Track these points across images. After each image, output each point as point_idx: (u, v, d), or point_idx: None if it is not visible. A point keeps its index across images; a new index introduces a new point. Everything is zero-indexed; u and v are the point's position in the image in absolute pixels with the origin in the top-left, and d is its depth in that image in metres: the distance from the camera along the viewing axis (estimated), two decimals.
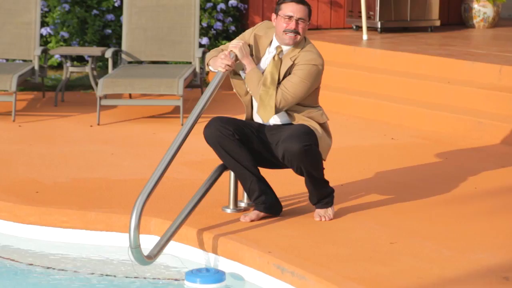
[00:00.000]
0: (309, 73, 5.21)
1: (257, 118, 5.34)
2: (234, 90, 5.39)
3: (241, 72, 5.25)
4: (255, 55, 5.28)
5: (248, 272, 4.84)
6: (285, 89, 5.15)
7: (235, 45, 5.20)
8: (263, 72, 5.20)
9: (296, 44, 5.24)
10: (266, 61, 5.27)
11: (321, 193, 5.31)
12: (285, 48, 5.25)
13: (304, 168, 5.11)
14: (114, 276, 5.04)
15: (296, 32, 5.18)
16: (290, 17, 5.18)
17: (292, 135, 5.07)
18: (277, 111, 5.15)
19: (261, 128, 5.29)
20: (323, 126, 5.29)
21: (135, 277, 4.99)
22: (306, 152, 5.04)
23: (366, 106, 8.45)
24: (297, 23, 5.19)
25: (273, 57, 5.23)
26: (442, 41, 10.06)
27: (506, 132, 7.34)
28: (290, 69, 5.22)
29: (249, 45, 5.30)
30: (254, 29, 5.39)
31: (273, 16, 5.28)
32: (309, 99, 5.29)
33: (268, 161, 5.31)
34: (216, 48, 5.37)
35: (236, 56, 5.18)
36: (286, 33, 5.19)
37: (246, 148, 5.21)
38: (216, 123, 5.18)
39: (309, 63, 5.23)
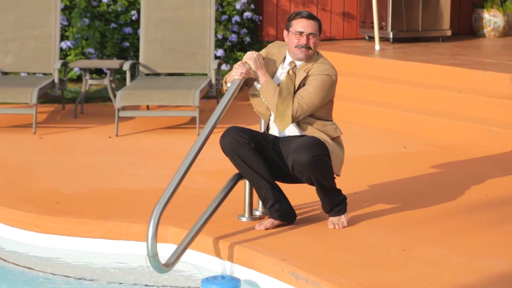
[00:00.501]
0: (323, 83, 5.24)
1: (272, 131, 5.35)
2: (255, 110, 5.39)
3: (255, 84, 5.27)
4: (270, 71, 5.30)
5: (263, 279, 4.85)
6: (301, 98, 5.17)
7: (249, 57, 5.22)
8: (278, 85, 5.22)
9: (308, 58, 5.27)
10: (280, 76, 5.28)
11: (333, 202, 5.31)
12: (298, 62, 5.28)
13: (314, 178, 5.12)
14: (133, 284, 5.05)
15: (307, 47, 5.22)
16: (301, 33, 5.22)
17: (301, 146, 5.07)
18: (293, 120, 5.16)
19: (276, 140, 5.30)
20: (336, 140, 5.29)
21: (153, 285, 5.00)
22: (315, 162, 5.03)
23: (379, 115, 8.45)
24: (308, 38, 5.22)
25: (288, 72, 5.25)
26: (453, 51, 10.05)
27: None
28: (305, 80, 5.24)
29: (263, 58, 5.32)
30: (267, 49, 5.44)
31: (285, 32, 5.32)
32: (323, 111, 5.30)
33: (284, 173, 5.31)
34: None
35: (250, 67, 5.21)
36: (298, 48, 5.22)
37: (261, 157, 5.22)
38: (232, 132, 5.20)
39: (323, 73, 5.26)
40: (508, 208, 5.79)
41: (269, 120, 5.35)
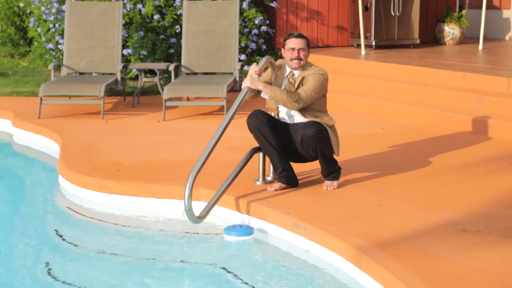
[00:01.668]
0: (318, 79, 5.28)
1: (283, 119, 5.35)
2: (266, 106, 5.45)
3: (263, 95, 5.30)
4: (278, 82, 5.36)
5: (271, 228, 4.86)
6: (305, 88, 5.24)
7: (247, 83, 5.25)
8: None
9: (303, 68, 5.34)
10: (284, 83, 5.38)
11: (331, 169, 5.31)
12: (295, 72, 5.35)
13: (318, 148, 5.14)
14: (174, 232, 5.09)
15: (299, 58, 5.30)
16: (293, 49, 5.30)
17: (307, 124, 5.14)
18: (299, 104, 5.16)
19: (287, 125, 5.32)
20: (332, 128, 5.31)
21: (189, 232, 5.04)
22: (318, 135, 5.09)
23: (363, 104, 8.41)
24: (298, 52, 5.30)
25: (288, 79, 5.35)
26: (421, 55, 9.98)
27: (468, 122, 7.28)
28: (303, 81, 5.30)
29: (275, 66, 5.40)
30: (278, 63, 5.48)
31: (282, 50, 5.41)
32: (319, 105, 5.33)
33: (292, 152, 5.30)
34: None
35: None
36: (292, 61, 5.31)
37: (276, 134, 5.22)
38: (256, 113, 5.25)
39: (317, 73, 5.32)
40: (460, 173, 5.76)
41: (278, 112, 5.36)
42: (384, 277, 3.88)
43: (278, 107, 5.34)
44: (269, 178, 5.51)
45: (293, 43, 5.30)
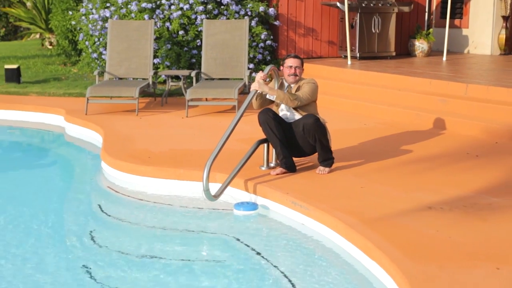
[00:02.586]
0: (311, 86, 5.35)
1: (286, 118, 5.36)
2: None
3: (269, 96, 5.28)
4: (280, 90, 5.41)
5: (273, 205, 4.83)
6: (301, 91, 5.28)
7: (255, 87, 5.23)
8: None
9: (297, 82, 5.40)
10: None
11: (326, 156, 5.27)
12: (292, 85, 5.42)
13: (317, 135, 5.12)
14: (194, 207, 5.06)
15: (295, 74, 5.38)
16: (290, 67, 5.36)
17: (307, 116, 5.17)
18: (298, 101, 5.19)
19: (290, 123, 5.31)
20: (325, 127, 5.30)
21: (206, 208, 5.01)
22: (316, 123, 5.10)
23: (349, 104, 8.35)
24: (295, 69, 5.36)
25: (288, 90, 5.39)
26: (396, 65, 9.90)
27: (434, 120, 7.23)
28: (299, 89, 5.37)
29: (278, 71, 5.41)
30: (278, 74, 5.51)
31: (282, 67, 5.44)
32: (311, 109, 5.38)
33: (293, 146, 5.28)
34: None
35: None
36: (289, 76, 5.37)
37: (281, 127, 5.20)
38: (267, 110, 5.24)
39: (309, 82, 5.40)
40: (428, 161, 5.72)
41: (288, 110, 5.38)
42: (366, 246, 3.85)
43: (280, 108, 5.34)
44: (272, 165, 5.47)
45: (290, 62, 5.39)
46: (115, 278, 3.89)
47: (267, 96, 5.30)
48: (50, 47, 14.50)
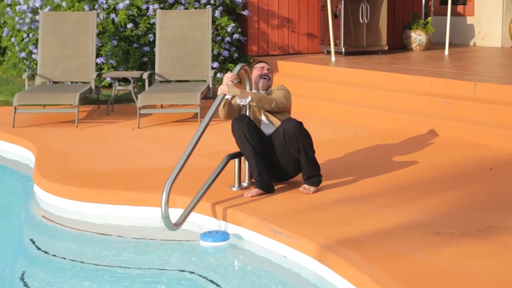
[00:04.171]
0: (283, 91, 5.46)
1: (263, 129, 5.38)
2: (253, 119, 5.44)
3: (240, 101, 5.29)
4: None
5: (248, 234, 4.79)
6: (275, 95, 5.36)
7: (221, 89, 5.23)
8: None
9: (267, 88, 5.52)
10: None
11: (312, 172, 5.24)
12: (262, 92, 5.51)
13: (300, 143, 5.10)
14: (150, 239, 5.00)
15: (267, 76, 5.50)
16: (262, 68, 5.53)
17: (288, 119, 5.17)
18: (274, 102, 5.27)
19: (269, 137, 5.31)
20: None
21: (165, 239, 4.95)
22: (299, 127, 5.10)
23: (335, 109, 8.38)
24: (267, 71, 5.53)
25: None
26: (389, 61, 9.99)
27: (436, 126, 7.30)
28: (269, 94, 5.49)
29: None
30: (250, 75, 5.57)
31: (251, 72, 5.56)
32: (286, 116, 5.41)
33: (273, 164, 5.28)
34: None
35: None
36: (261, 78, 5.49)
37: (258, 138, 5.19)
38: (243, 116, 5.24)
39: (280, 88, 5.51)
40: (431, 176, 5.74)
41: (261, 124, 5.40)
42: (363, 282, 3.82)
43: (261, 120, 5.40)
44: (244, 184, 5.43)
45: (261, 64, 5.56)
46: None
47: (238, 101, 5.27)
48: None
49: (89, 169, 6.12)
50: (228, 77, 5.23)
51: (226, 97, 5.27)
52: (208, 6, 9.66)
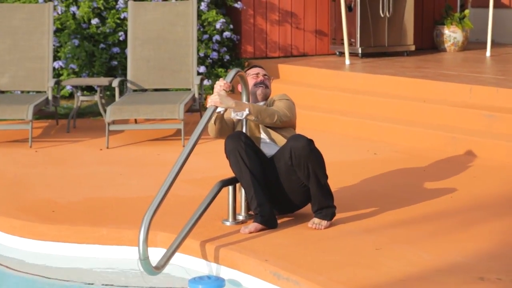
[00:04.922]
0: (285, 102, 5.53)
1: (265, 151, 5.42)
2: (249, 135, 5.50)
3: (234, 116, 5.33)
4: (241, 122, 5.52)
5: (247, 279, 4.81)
6: (276, 107, 5.43)
7: (212, 100, 5.25)
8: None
9: (265, 97, 5.60)
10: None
11: (323, 203, 5.28)
12: (261, 103, 5.58)
13: (310, 165, 5.13)
14: (126, 286, 5.02)
15: (263, 83, 5.59)
16: (257, 74, 5.60)
17: (297, 136, 5.20)
18: (276, 116, 5.32)
19: (271, 159, 5.36)
20: None
21: (144, 287, 4.96)
22: (309, 146, 5.13)
23: (350, 124, 8.45)
24: (263, 77, 5.61)
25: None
26: (417, 64, 10.08)
27: (477, 145, 7.34)
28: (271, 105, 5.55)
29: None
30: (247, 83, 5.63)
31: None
32: (291, 133, 5.45)
33: (276, 192, 5.33)
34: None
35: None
36: (257, 86, 5.57)
37: (258, 161, 5.24)
38: (239, 134, 5.28)
39: (281, 98, 5.57)
40: (472, 208, 5.79)
41: (260, 143, 5.46)
42: None
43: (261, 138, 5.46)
44: (240, 218, 5.47)
45: (255, 70, 5.63)
46: None
47: (232, 115, 5.34)
48: None
49: (46, 200, 6.15)
50: (220, 85, 5.29)
51: (218, 110, 5.30)
52: None
